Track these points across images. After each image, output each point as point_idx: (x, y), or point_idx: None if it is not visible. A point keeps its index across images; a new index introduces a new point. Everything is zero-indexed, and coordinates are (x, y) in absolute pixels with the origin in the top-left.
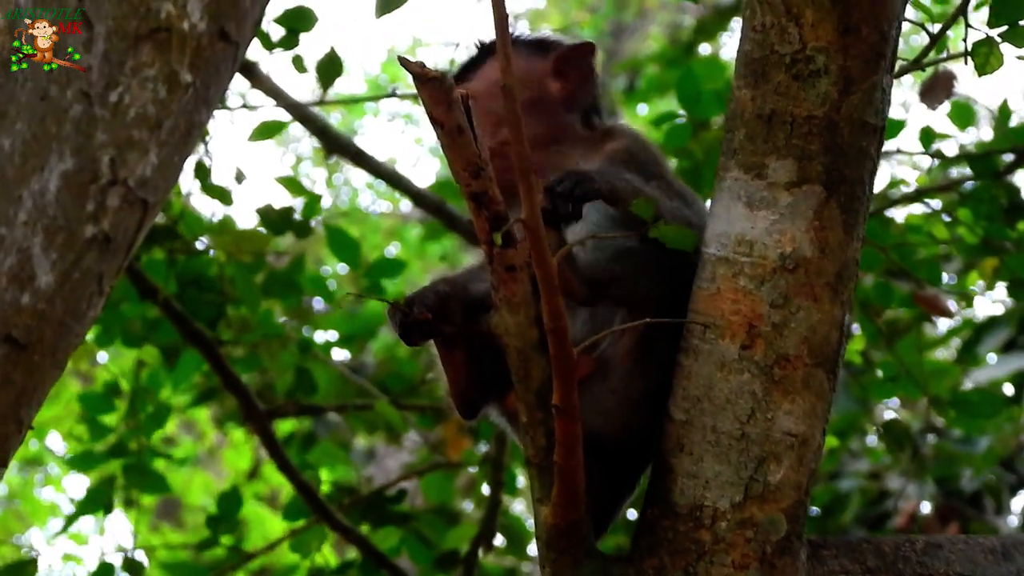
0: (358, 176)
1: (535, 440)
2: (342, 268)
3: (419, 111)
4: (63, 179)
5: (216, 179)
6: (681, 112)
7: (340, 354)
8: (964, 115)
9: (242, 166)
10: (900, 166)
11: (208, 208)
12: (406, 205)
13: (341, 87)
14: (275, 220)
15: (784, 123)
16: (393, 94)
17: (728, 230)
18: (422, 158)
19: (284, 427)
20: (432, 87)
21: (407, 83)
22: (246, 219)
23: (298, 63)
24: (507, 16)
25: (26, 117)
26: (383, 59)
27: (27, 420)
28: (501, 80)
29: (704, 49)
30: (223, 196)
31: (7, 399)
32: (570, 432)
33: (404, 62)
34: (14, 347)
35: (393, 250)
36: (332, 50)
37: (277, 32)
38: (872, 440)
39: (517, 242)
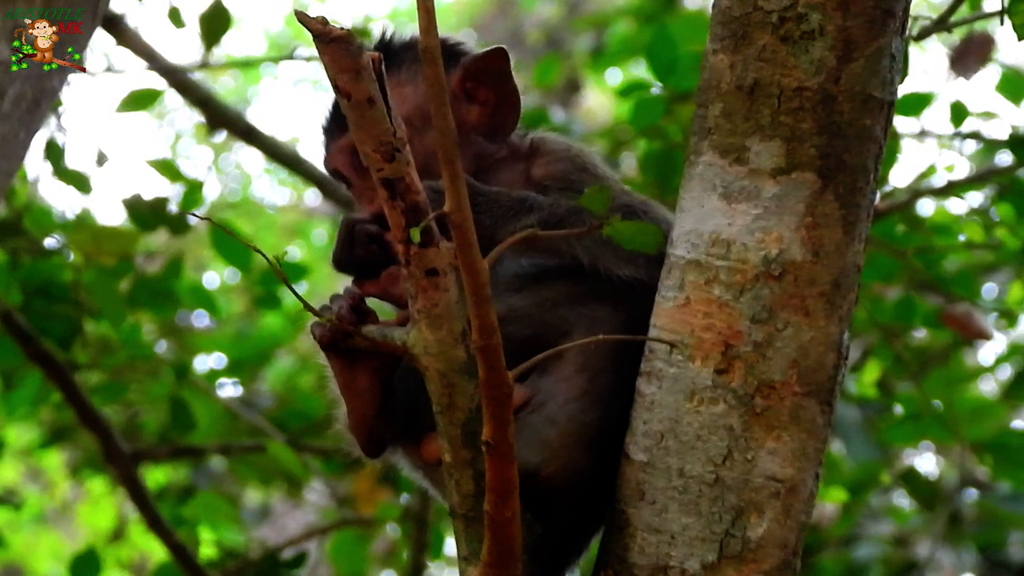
0: (252, 159)
1: (461, 486)
2: (230, 275)
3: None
4: None
5: (72, 161)
6: (654, 82)
7: (227, 384)
8: (1016, 85)
9: (105, 146)
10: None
11: (61, 198)
12: (311, 196)
13: (232, 47)
14: (145, 213)
15: (770, 96)
16: (292, 56)
17: (700, 228)
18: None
19: (155, 477)
20: (336, 49)
21: (311, 42)
22: (109, 213)
23: (175, 16)
24: None
25: None
26: (285, 11)
27: None
28: (420, 43)
29: (690, 1)
30: (80, 183)
31: None
32: (504, 475)
33: (303, 18)
34: None
35: (295, 252)
36: (218, 1)
37: None
38: (900, 497)
39: (440, 241)
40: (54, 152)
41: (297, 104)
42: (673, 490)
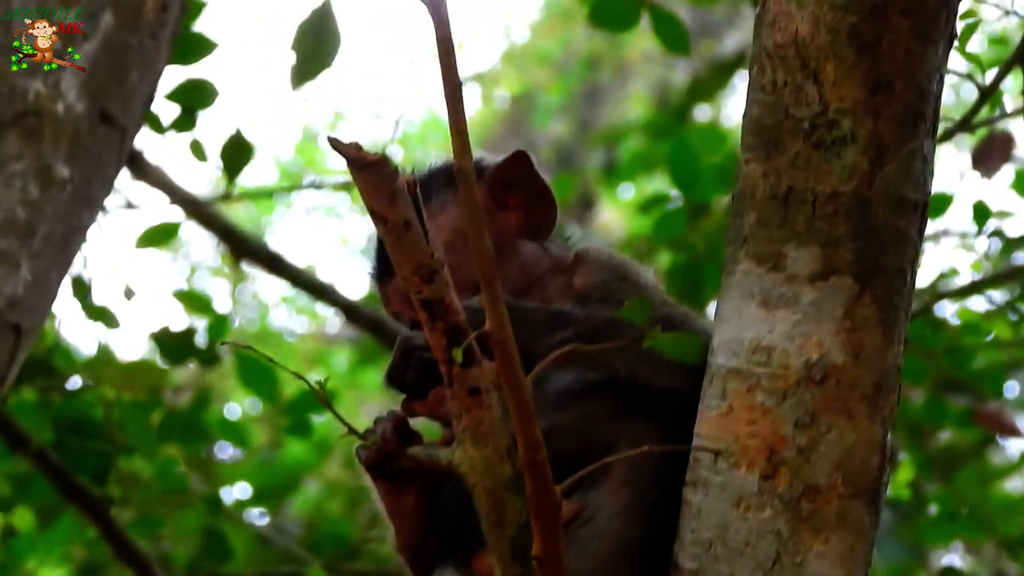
0: (270, 289)
1: None
2: (251, 406)
3: (344, 203)
4: None
5: (99, 297)
6: (674, 193)
7: (254, 514)
8: None
9: (130, 280)
10: (951, 251)
11: (83, 336)
12: (330, 324)
13: (245, 177)
14: (174, 346)
15: (804, 203)
16: (317, 185)
17: (740, 335)
18: (349, 263)
19: None
20: (371, 174)
21: (328, 169)
22: (130, 347)
23: (197, 149)
24: (460, 83)
25: None
26: (296, 140)
27: None
28: (455, 165)
29: (701, 114)
30: (107, 318)
31: None
32: None
33: (335, 144)
34: None
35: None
36: (238, 132)
37: (167, 113)
38: None
39: (481, 360)
40: (81, 288)
41: (312, 232)
42: None
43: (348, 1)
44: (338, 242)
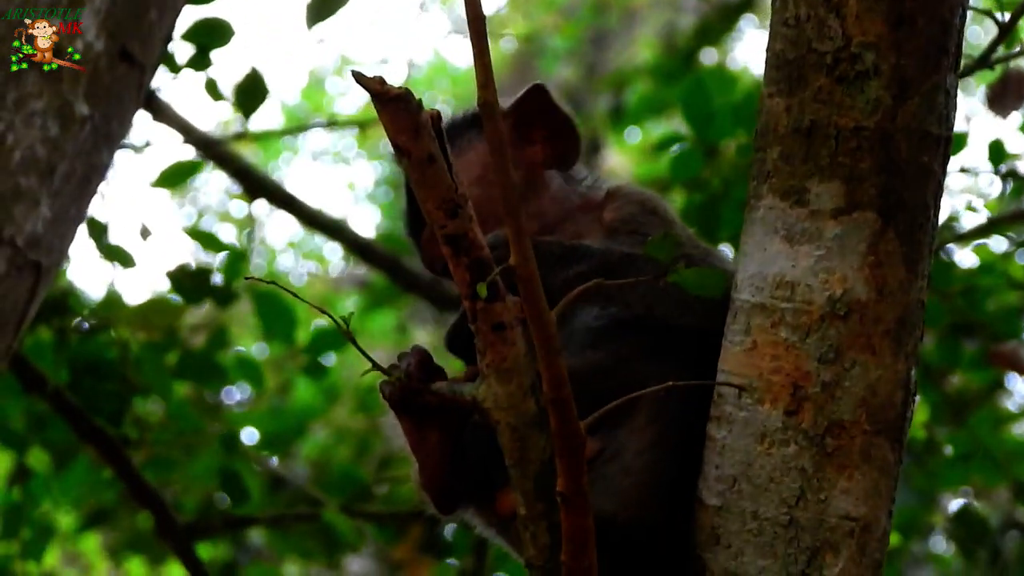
0: (276, 233)
1: (537, 538)
2: (259, 351)
3: (351, 148)
4: None
5: (114, 237)
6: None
7: (262, 459)
8: None
9: (146, 220)
10: (964, 193)
11: (90, 279)
12: (337, 268)
13: (253, 120)
14: (190, 285)
15: (827, 137)
16: (331, 123)
17: (764, 271)
18: (357, 207)
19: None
20: (395, 108)
21: (336, 114)
22: (137, 292)
23: (212, 88)
24: (484, 17)
25: None
26: (303, 85)
27: None
28: (479, 98)
29: (707, 57)
30: (123, 258)
31: None
32: (580, 525)
33: (359, 78)
34: None
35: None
36: (254, 71)
37: (181, 53)
38: (939, 542)
39: (506, 295)
40: (97, 228)
41: (319, 177)
42: (748, 533)
43: None
44: (345, 187)
